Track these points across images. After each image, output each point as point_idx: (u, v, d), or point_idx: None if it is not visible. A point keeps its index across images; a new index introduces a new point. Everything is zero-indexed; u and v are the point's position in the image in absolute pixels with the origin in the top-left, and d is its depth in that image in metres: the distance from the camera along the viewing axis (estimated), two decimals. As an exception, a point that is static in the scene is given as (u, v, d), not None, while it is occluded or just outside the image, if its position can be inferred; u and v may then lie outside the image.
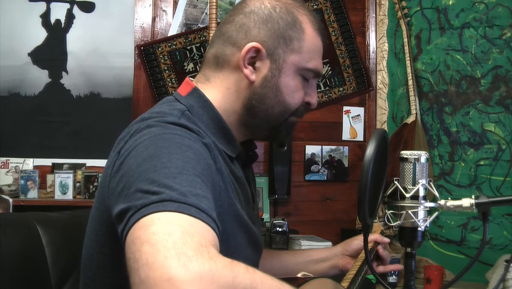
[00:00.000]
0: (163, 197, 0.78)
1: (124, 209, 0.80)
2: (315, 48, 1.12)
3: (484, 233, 0.98)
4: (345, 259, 1.44)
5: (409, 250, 1.03)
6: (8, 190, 2.64)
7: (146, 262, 0.69)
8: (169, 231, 0.72)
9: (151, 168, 0.85)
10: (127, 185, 0.85)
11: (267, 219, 2.97)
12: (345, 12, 3.15)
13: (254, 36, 1.09)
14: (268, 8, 1.10)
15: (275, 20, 1.09)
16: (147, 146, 0.90)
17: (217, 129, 1.08)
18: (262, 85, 1.09)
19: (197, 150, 0.93)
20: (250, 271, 0.74)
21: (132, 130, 0.98)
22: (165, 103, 1.08)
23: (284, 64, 1.09)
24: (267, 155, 3.04)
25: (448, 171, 2.86)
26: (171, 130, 0.94)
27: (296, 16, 1.11)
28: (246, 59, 1.09)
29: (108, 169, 0.98)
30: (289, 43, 1.09)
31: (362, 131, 3.19)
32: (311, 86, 1.15)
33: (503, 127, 2.76)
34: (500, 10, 2.76)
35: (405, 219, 1.00)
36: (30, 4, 2.85)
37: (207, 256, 0.70)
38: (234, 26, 1.11)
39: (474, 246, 2.76)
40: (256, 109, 1.10)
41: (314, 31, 1.12)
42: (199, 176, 0.86)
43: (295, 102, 1.12)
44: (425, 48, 2.94)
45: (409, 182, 1.01)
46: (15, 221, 1.31)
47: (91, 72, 2.90)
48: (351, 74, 3.15)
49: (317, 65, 1.13)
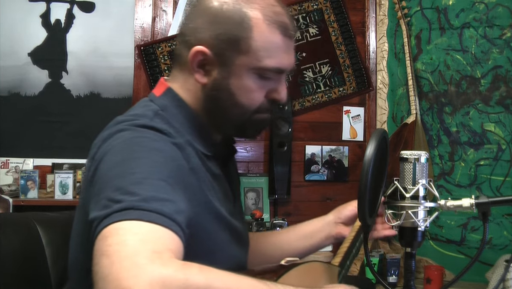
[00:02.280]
0: (124, 206, 0.80)
1: (92, 219, 0.83)
2: (270, 45, 1.04)
3: (484, 233, 0.98)
4: (338, 227, 1.37)
5: (409, 250, 1.03)
6: (8, 190, 2.64)
7: (102, 275, 0.72)
8: (124, 241, 0.75)
9: (118, 174, 0.87)
10: (98, 192, 0.88)
11: (267, 219, 2.97)
12: (345, 12, 3.15)
13: (201, 39, 1.05)
14: (216, 8, 1.05)
15: (221, 20, 1.04)
16: (116, 152, 0.92)
17: (193, 128, 1.07)
18: (213, 87, 1.06)
19: (167, 152, 0.93)
20: (204, 270, 0.75)
21: (104, 136, 0.99)
22: (140, 105, 1.09)
23: (233, 67, 1.04)
24: (267, 155, 3.04)
25: (448, 171, 2.86)
26: (141, 134, 0.95)
27: (244, 13, 1.03)
28: (195, 62, 1.06)
29: (86, 173, 1.00)
30: (235, 44, 1.03)
31: (362, 131, 3.19)
32: (275, 82, 1.08)
33: (503, 127, 2.75)
34: (500, 10, 2.76)
35: (405, 219, 1.00)
36: (30, 4, 2.85)
37: (159, 262, 0.72)
38: (187, 26, 1.09)
39: (474, 246, 2.76)
40: (214, 111, 1.09)
41: (268, 26, 1.04)
42: (166, 179, 0.87)
43: (253, 103, 1.07)
44: (425, 48, 2.94)
45: (409, 182, 1.01)
46: (15, 221, 1.31)
47: (91, 72, 2.90)
48: (351, 74, 3.15)
49: (276, 62, 1.05)
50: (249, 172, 3.05)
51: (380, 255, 2.84)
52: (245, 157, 3.05)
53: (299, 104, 3.09)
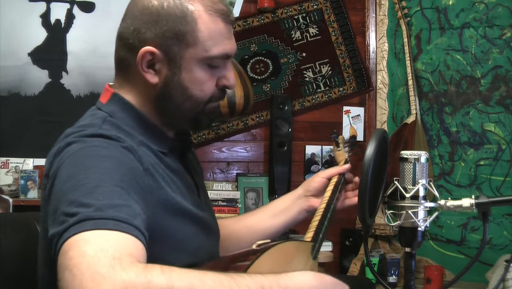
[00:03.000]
0: (79, 218, 0.81)
1: (51, 236, 0.84)
2: (214, 33, 1.07)
3: (484, 233, 0.99)
4: (309, 200, 1.40)
5: (409, 250, 1.03)
6: (8, 190, 2.64)
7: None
8: (84, 252, 0.76)
9: (70, 188, 0.88)
10: (54, 209, 0.88)
11: (267, 219, 2.97)
12: (345, 12, 3.15)
13: (145, 39, 1.06)
14: (156, 6, 1.06)
15: (164, 18, 1.05)
16: (67, 166, 0.93)
17: (144, 129, 1.08)
18: (166, 85, 1.08)
19: (116, 157, 0.94)
20: (165, 271, 0.75)
21: (54, 151, 1.00)
22: (88, 115, 1.11)
23: (182, 61, 1.06)
24: (267, 155, 3.04)
25: (448, 171, 2.86)
26: (89, 144, 0.96)
27: (186, 8, 1.05)
28: (144, 63, 1.06)
29: (43, 192, 1.01)
30: (182, 39, 1.05)
31: (362, 131, 3.19)
32: (223, 69, 1.11)
33: (503, 127, 2.76)
34: (500, 10, 2.76)
35: (405, 219, 1.00)
36: (30, 4, 2.85)
37: (119, 268, 0.73)
38: (128, 29, 1.10)
39: (474, 246, 2.76)
40: (167, 109, 1.10)
41: (211, 16, 1.06)
42: (118, 184, 0.88)
43: (205, 94, 1.10)
44: (425, 48, 2.94)
45: (409, 182, 1.01)
46: (15, 221, 1.32)
47: (91, 72, 2.90)
48: (351, 74, 3.15)
49: (222, 49, 1.08)
50: (249, 172, 3.05)
51: (380, 255, 2.84)
52: (245, 157, 3.05)
53: (299, 104, 3.09)
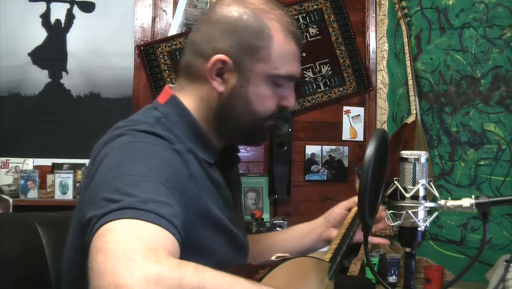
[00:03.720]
0: (122, 205, 0.80)
1: (89, 218, 0.83)
2: (286, 53, 1.10)
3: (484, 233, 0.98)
4: (328, 230, 1.42)
5: (409, 250, 1.03)
6: (8, 190, 2.64)
7: (98, 271, 0.72)
8: (121, 238, 0.75)
9: (116, 176, 0.88)
10: (95, 194, 0.88)
11: (267, 219, 2.97)
12: (345, 12, 3.15)
13: (220, 48, 1.07)
14: (235, 17, 1.08)
15: (241, 30, 1.07)
16: (115, 154, 0.93)
17: (195, 136, 1.08)
18: (231, 96, 1.09)
19: (165, 157, 0.94)
20: (199, 270, 0.75)
21: (105, 139, 1.01)
22: (143, 111, 1.11)
23: (251, 74, 1.08)
24: (267, 155, 3.04)
25: (448, 171, 2.86)
26: (141, 139, 0.97)
27: (264, 23, 1.08)
28: (214, 71, 1.08)
29: (85, 178, 1.01)
30: (255, 53, 1.07)
31: (362, 131, 3.19)
32: (287, 89, 1.13)
33: (503, 127, 2.76)
34: (500, 10, 2.76)
35: (405, 219, 1.00)
36: (30, 4, 2.85)
37: (155, 259, 0.72)
38: (202, 36, 1.10)
39: (474, 246, 2.76)
40: (227, 119, 1.11)
41: (285, 36, 1.09)
42: (164, 183, 0.88)
43: (266, 110, 1.11)
44: (425, 48, 2.94)
45: (409, 182, 1.01)
46: (15, 221, 1.31)
47: (91, 72, 2.90)
48: (351, 74, 3.15)
49: (290, 70, 1.10)
50: (249, 172, 3.05)
51: (380, 255, 2.84)
52: (245, 157, 3.05)
53: (299, 104, 3.09)
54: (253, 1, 1.11)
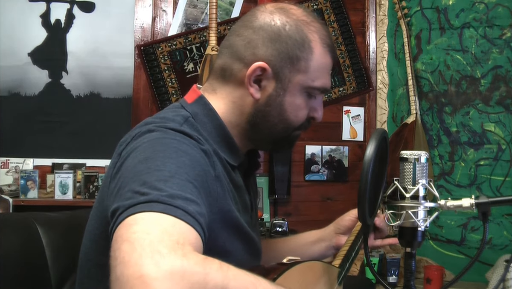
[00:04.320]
0: (150, 198, 0.80)
1: (115, 208, 0.83)
2: (323, 66, 1.11)
3: (484, 233, 0.99)
4: (338, 238, 1.44)
5: (409, 250, 1.03)
6: (8, 190, 2.64)
7: (122, 260, 0.71)
8: (148, 230, 0.75)
9: (145, 169, 0.87)
10: (122, 185, 0.88)
11: (267, 219, 2.97)
12: (345, 12, 3.15)
13: (261, 55, 1.08)
14: (278, 26, 1.08)
15: (284, 39, 1.08)
16: (145, 149, 0.93)
17: (220, 138, 1.09)
18: (267, 103, 1.10)
19: (194, 156, 0.94)
20: (223, 268, 0.75)
21: (133, 134, 1.01)
22: (170, 109, 1.10)
23: (289, 84, 1.09)
24: (267, 155, 3.04)
25: (448, 171, 2.86)
26: (170, 136, 0.96)
27: (306, 35, 1.09)
28: (252, 77, 1.08)
29: (110, 170, 1.00)
30: (296, 63, 1.08)
31: (362, 131, 3.19)
32: (317, 101, 1.15)
33: (503, 127, 2.76)
34: (500, 10, 2.77)
35: (405, 219, 1.00)
36: (30, 4, 2.85)
37: (181, 253, 0.72)
38: (242, 41, 1.10)
39: (474, 246, 2.76)
40: (259, 126, 1.11)
41: (324, 49, 1.11)
42: (192, 181, 0.88)
43: (298, 120, 1.13)
44: (425, 48, 2.94)
45: (409, 182, 1.01)
46: (15, 221, 1.31)
47: (91, 72, 2.90)
48: (351, 74, 3.15)
49: (324, 82, 1.12)
50: (249, 172, 3.05)
51: (380, 255, 2.84)
52: (245, 157, 3.05)
53: (299, 104, 3.09)
54: (295, 12, 1.11)
